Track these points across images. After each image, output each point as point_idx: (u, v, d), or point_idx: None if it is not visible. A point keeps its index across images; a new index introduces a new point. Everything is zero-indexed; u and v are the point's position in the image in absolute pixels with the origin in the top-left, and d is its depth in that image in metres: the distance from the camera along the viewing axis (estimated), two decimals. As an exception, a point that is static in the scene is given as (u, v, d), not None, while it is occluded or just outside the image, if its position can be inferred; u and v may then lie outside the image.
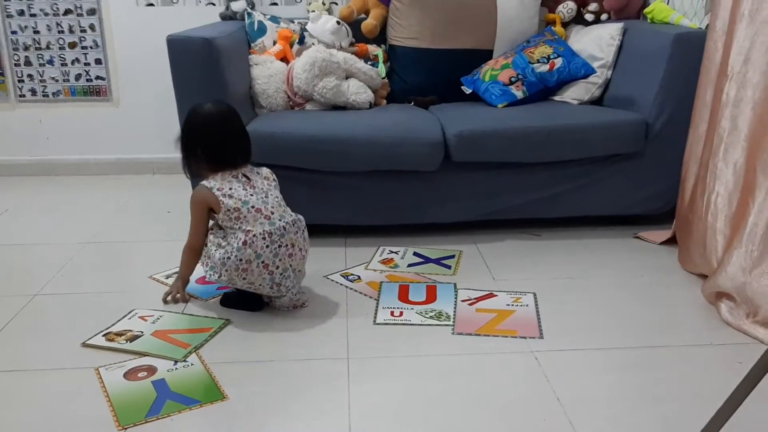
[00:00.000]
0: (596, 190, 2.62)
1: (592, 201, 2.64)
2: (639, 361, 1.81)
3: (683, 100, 2.46)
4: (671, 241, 2.53)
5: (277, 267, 1.95)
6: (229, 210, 1.93)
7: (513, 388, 1.69)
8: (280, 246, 1.94)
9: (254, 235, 1.91)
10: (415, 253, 2.51)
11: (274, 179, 2.09)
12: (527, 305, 2.11)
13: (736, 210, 2.07)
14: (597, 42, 2.83)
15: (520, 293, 2.19)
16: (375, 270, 2.37)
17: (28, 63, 3.39)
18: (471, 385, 1.71)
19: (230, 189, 1.96)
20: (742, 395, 1.30)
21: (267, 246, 1.92)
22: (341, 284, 2.25)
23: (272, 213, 1.97)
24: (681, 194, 2.48)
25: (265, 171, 2.09)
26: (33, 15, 3.32)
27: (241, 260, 1.91)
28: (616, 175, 2.61)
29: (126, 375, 1.74)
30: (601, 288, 2.23)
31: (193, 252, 2.06)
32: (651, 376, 1.74)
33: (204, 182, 1.99)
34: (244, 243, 1.90)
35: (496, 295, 2.17)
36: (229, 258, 1.91)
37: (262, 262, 1.92)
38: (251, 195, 1.96)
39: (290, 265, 1.98)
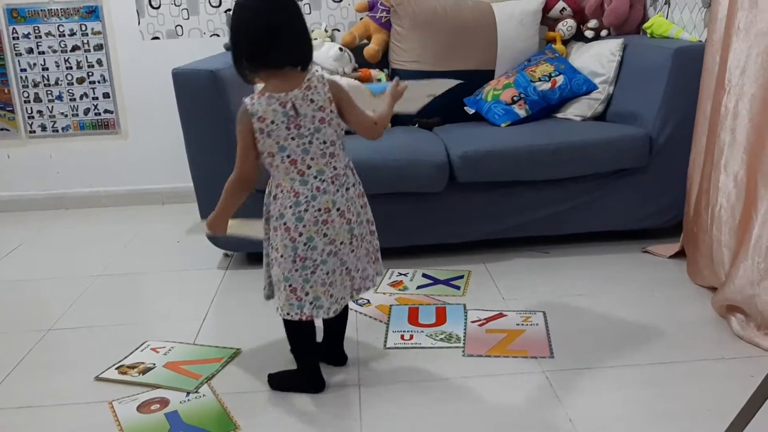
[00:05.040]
0: (603, 205, 2.63)
1: (599, 217, 2.65)
2: (650, 377, 1.80)
3: (686, 113, 2.47)
4: (680, 254, 2.52)
5: (300, 234, 1.64)
6: (262, 153, 1.64)
7: (525, 409, 1.69)
8: (306, 210, 1.63)
9: (282, 190, 1.66)
10: (424, 275, 2.51)
11: (332, 110, 1.65)
12: (537, 324, 2.11)
13: (740, 222, 2.07)
14: (598, 58, 2.84)
15: (530, 312, 2.18)
16: (384, 293, 2.37)
17: (37, 99, 3.45)
18: (483, 407, 1.70)
19: (272, 123, 1.61)
20: (754, 408, 1.30)
21: (290, 207, 1.64)
22: (351, 309, 2.25)
23: (309, 167, 1.65)
24: (687, 207, 2.48)
25: (323, 93, 1.64)
26: (41, 52, 3.38)
27: (272, 216, 1.68)
28: (622, 190, 2.62)
29: (139, 408, 1.75)
30: (610, 304, 2.22)
31: (241, 183, 1.68)
32: (663, 392, 1.73)
33: (247, 100, 1.63)
34: (273, 196, 1.68)
35: (506, 315, 2.17)
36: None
37: (284, 223, 1.65)
38: (292, 139, 1.62)
39: (324, 235, 1.65)
